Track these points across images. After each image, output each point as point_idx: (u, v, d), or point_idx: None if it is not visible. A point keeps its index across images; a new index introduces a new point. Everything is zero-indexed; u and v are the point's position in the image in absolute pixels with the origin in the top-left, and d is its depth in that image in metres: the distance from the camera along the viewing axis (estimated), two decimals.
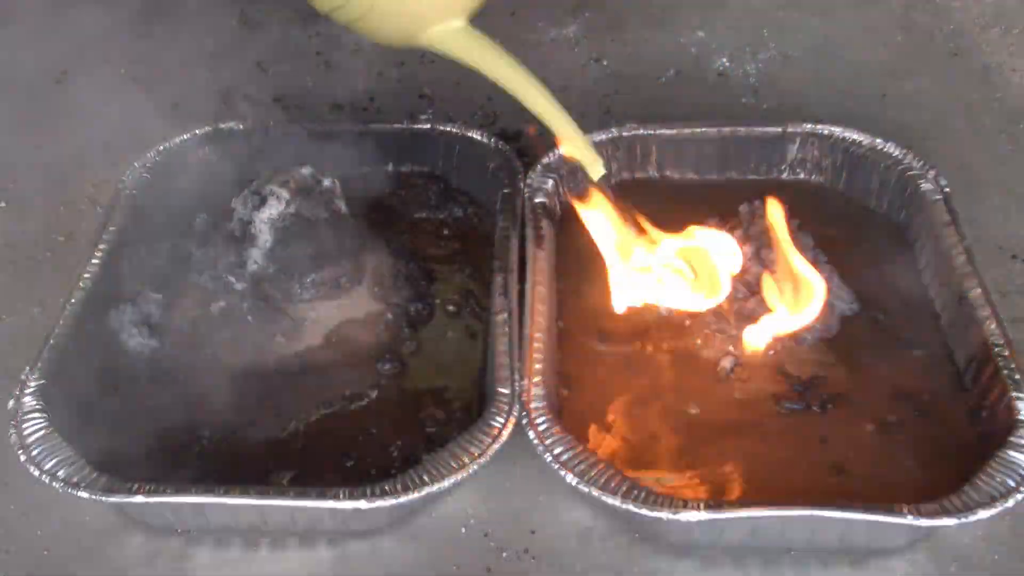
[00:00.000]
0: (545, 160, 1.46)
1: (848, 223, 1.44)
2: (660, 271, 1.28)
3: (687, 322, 1.28)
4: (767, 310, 1.24)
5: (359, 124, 1.55)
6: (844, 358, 1.24)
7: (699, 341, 1.26)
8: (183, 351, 1.25)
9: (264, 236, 1.26)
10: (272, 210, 1.27)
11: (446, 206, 1.48)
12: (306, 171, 1.31)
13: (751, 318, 1.24)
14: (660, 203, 1.43)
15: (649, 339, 1.27)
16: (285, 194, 1.27)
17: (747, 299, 1.26)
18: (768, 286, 1.25)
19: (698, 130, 1.50)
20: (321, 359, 1.26)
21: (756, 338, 1.22)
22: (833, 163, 1.51)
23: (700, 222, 1.33)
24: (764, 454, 1.13)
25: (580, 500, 1.14)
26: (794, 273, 1.23)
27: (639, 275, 1.27)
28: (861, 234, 1.42)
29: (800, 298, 1.22)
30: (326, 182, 1.32)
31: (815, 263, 1.26)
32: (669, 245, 1.28)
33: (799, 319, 1.22)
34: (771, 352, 1.23)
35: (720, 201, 1.44)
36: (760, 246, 1.28)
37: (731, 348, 1.24)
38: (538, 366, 1.16)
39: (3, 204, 1.57)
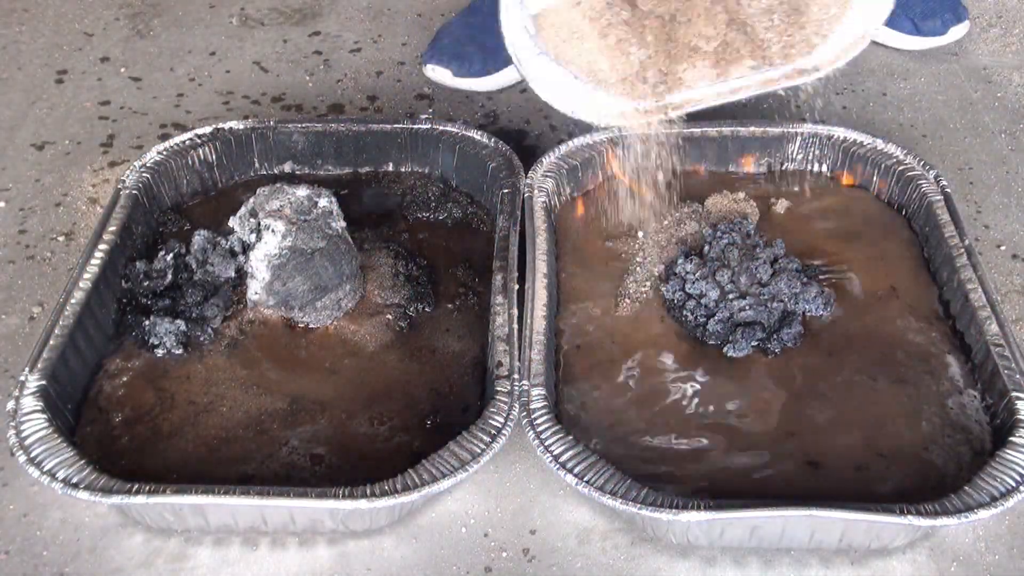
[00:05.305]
0: (545, 160, 1.46)
1: (850, 222, 1.44)
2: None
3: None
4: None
5: (359, 124, 1.55)
6: (847, 356, 1.24)
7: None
8: (188, 355, 1.26)
9: (262, 273, 1.26)
10: (268, 246, 1.25)
11: (446, 206, 1.48)
12: (302, 192, 1.29)
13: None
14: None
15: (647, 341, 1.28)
16: (280, 227, 1.25)
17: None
18: None
19: (698, 130, 1.50)
20: (321, 361, 1.26)
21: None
22: (833, 163, 1.51)
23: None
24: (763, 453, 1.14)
25: (580, 500, 1.14)
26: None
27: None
28: (863, 233, 1.42)
29: None
30: (322, 202, 1.29)
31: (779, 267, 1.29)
32: None
33: None
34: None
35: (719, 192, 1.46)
36: (715, 268, 1.28)
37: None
38: (538, 366, 1.16)
39: (3, 204, 1.57)
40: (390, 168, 1.57)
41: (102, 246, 1.31)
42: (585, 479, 1.05)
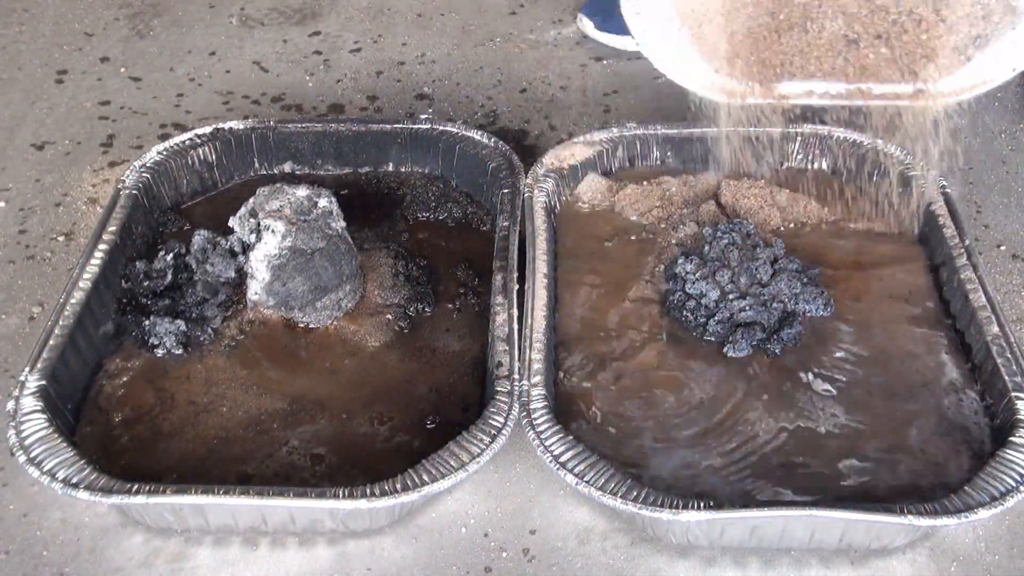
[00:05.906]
0: (545, 160, 1.46)
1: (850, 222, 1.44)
2: None
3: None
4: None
5: (359, 124, 1.55)
6: (846, 356, 1.24)
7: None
8: (188, 355, 1.26)
9: (262, 273, 1.25)
10: (268, 246, 1.24)
11: (446, 206, 1.48)
12: (302, 193, 1.28)
13: None
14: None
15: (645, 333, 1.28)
16: (280, 227, 1.24)
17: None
18: None
19: (698, 130, 1.50)
20: (321, 361, 1.26)
21: None
22: (834, 163, 1.51)
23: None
24: (766, 455, 1.14)
25: (580, 500, 1.14)
26: None
27: None
28: (864, 233, 1.42)
29: None
30: (322, 202, 1.28)
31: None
32: None
33: None
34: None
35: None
36: (715, 268, 1.28)
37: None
38: (538, 366, 1.16)
39: (3, 204, 1.57)
40: (390, 168, 1.57)
41: (102, 246, 1.31)
42: (585, 479, 1.05)
